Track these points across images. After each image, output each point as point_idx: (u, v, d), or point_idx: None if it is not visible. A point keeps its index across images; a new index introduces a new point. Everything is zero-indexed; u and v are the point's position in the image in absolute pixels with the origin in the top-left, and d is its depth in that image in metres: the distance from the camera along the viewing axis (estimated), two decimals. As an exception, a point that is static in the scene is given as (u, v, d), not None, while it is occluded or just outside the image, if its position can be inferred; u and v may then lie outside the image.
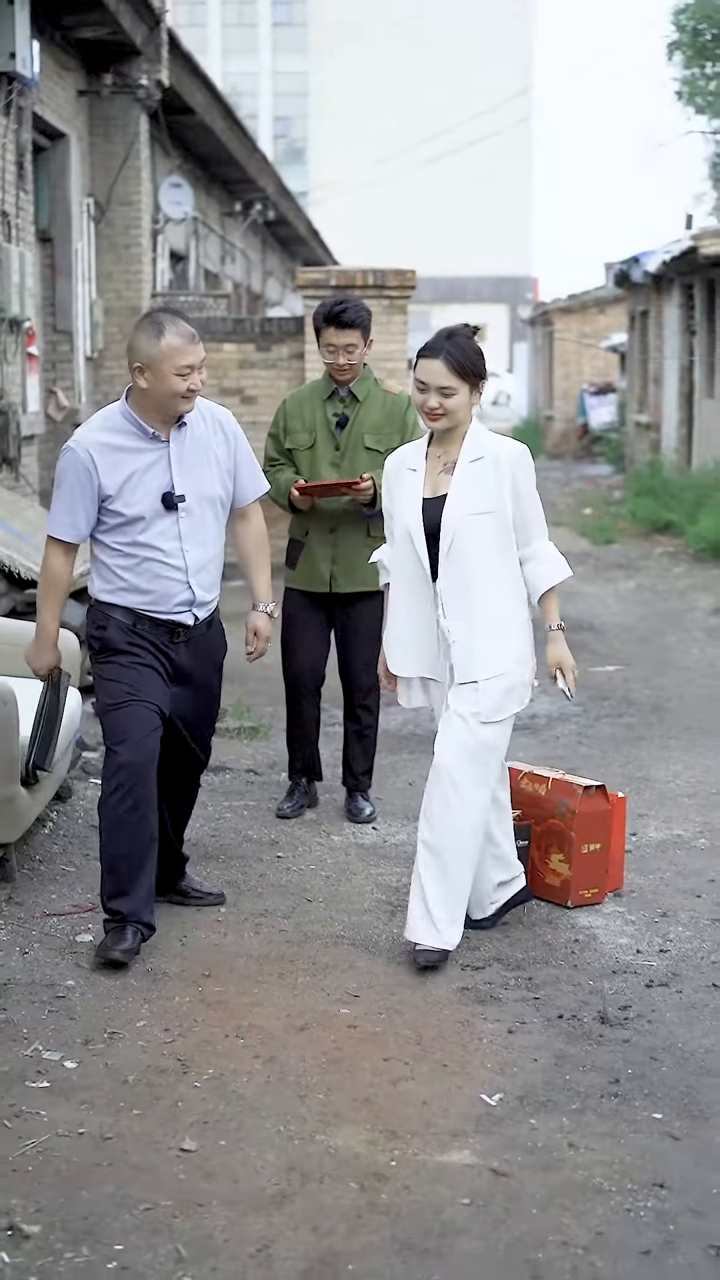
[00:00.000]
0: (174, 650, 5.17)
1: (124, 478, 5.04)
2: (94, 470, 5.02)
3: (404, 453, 5.38)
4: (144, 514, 5.06)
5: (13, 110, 11.64)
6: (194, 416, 5.17)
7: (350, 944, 5.36)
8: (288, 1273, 3.40)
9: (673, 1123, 4.13)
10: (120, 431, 5.09)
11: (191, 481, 5.13)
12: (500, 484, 5.10)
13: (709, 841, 6.69)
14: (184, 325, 5.02)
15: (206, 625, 5.27)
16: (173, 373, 4.96)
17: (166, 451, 5.10)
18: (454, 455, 5.18)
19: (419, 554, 5.17)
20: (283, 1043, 4.55)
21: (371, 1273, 3.40)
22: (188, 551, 5.12)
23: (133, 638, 5.11)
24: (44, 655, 5.23)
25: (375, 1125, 4.07)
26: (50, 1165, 3.81)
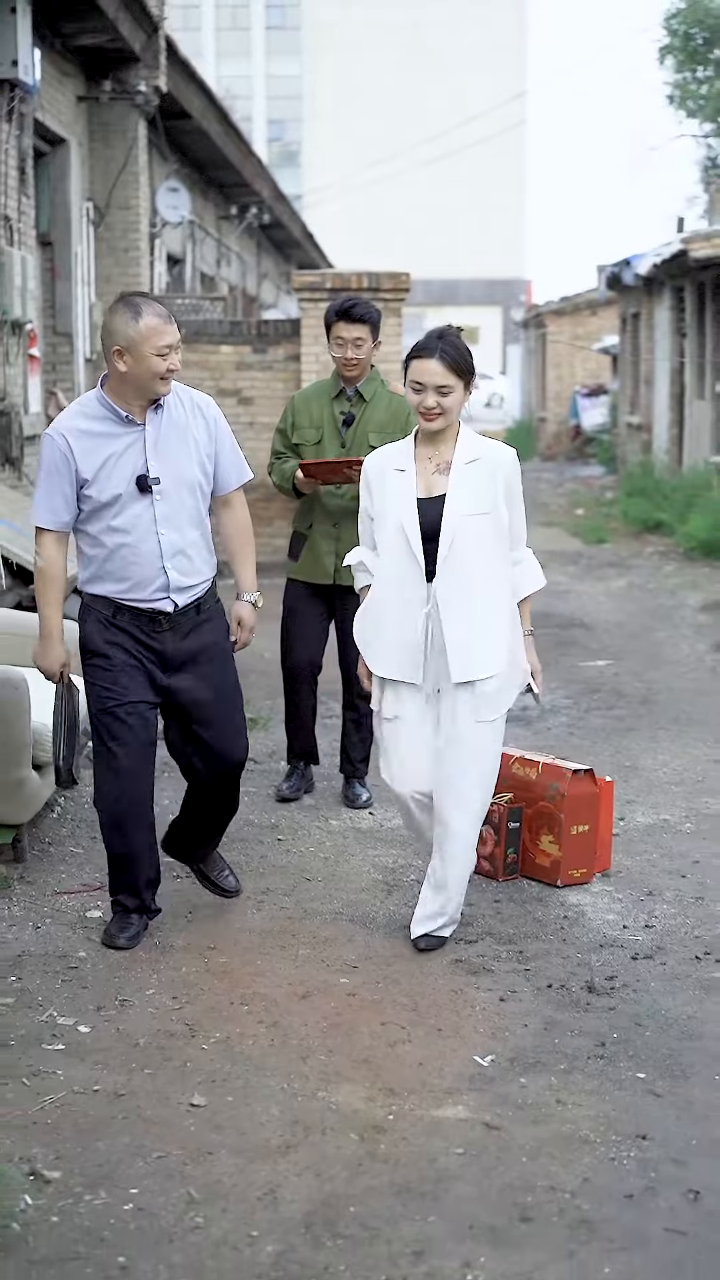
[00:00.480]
0: (159, 640, 5.13)
1: (100, 462, 5.03)
2: (70, 456, 5.02)
3: (386, 453, 5.38)
4: (118, 495, 5.03)
5: (14, 116, 11.86)
6: (172, 400, 5.14)
7: (349, 920, 5.60)
8: (293, 1214, 3.63)
9: (655, 1082, 4.37)
10: (96, 417, 5.08)
11: (167, 465, 5.10)
12: (495, 487, 5.16)
13: (694, 826, 6.92)
14: (158, 306, 5.03)
15: (195, 610, 5.21)
16: (152, 353, 4.95)
17: (142, 434, 5.07)
18: (446, 456, 5.22)
19: (414, 553, 5.17)
20: (285, 1009, 4.79)
21: (372, 1214, 3.63)
22: (163, 535, 5.08)
23: (112, 633, 5.10)
24: (50, 651, 5.19)
25: (374, 1084, 4.30)
26: (68, 1118, 4.04)
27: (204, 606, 5.25)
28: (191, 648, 5.19)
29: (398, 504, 5.20)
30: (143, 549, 5.07)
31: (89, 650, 5.15)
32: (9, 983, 4.90)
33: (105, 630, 5.11)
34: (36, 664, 5.24)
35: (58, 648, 5.20)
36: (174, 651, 5.16)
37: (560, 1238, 3.56)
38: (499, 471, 5.18)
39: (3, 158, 11.65)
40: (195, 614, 5.21)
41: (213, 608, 5.31)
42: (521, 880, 6.10)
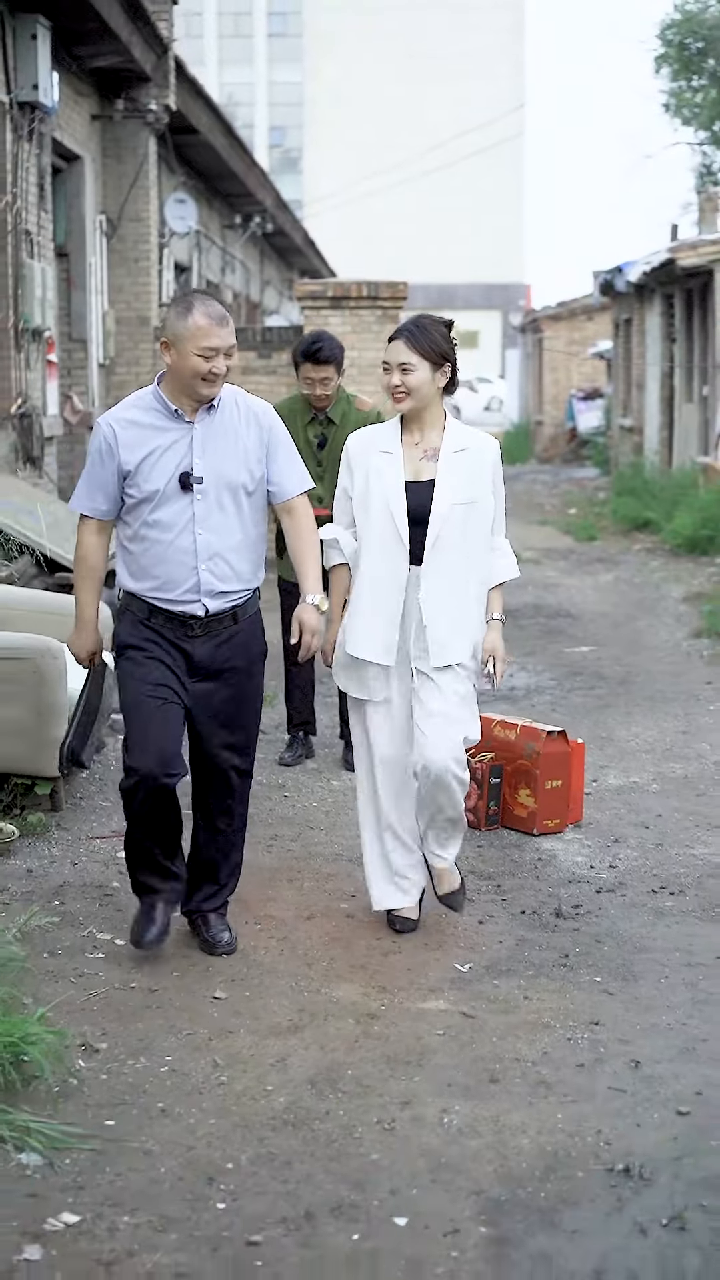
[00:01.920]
0: (190, 645, 5.07)
1: (144, 455, 5.00)
2: (115, 445, 5.00)
3: (371, 434, 5.47)
4: (158, 489, 4.98)
5: (34, 136, 12.62)
6: (226, 402, 5.09)
7: (348, 860, 6.34)
8: (301, 1076, 4.38)
9: (609, 983, 5.12)
10: (147, 409, 5.06)
11: (213, 465, 5.02)
12: (482, 476, 5.32)
13: (660, 786, 7.67)
14: (215, 307, 4.98)
15: (232, 619, 5.11)
16: (194, 352, 4.90)
17: (190, 432, 5.02)
18: (434, 443, 5.33)
19: (400, 536, 5.26)
20: (293, 927, 5.54)
21: (366, 1076, 4.39)
22: (199, 535, 5.00)
23: (146, 632, 5.06)
24: (83, 638, 5.24)
25: (369, 983, 5.05)
26: (110, 1007, 4.80)
27: (240, 615, 5.14)
28: (221, 658, 5.11)
29: (384, 486, 5.29)
30: (178, 546, 5.01)
31: (122, 645, 5.11)
32: (53, 906, 5.65)
33: (140, 629, 5.07)
34: (70, 648, 5.33)
35: (91, 634, 5.23)
36: (203, 658, 5.09)
37: (522, 1093, 4.31)
38: (486, 461, 5.34)
39: (24, 175, 12.40)
40: (232, 622, 5.12)
41: (252, 619, 5.20)
42: (502, 830, 6.84)
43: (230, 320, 4.98)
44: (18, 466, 12.05)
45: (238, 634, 5.13)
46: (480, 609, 5.39)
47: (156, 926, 5.17)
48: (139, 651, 5.07)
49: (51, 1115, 4.02)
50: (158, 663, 5.05)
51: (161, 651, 5.06)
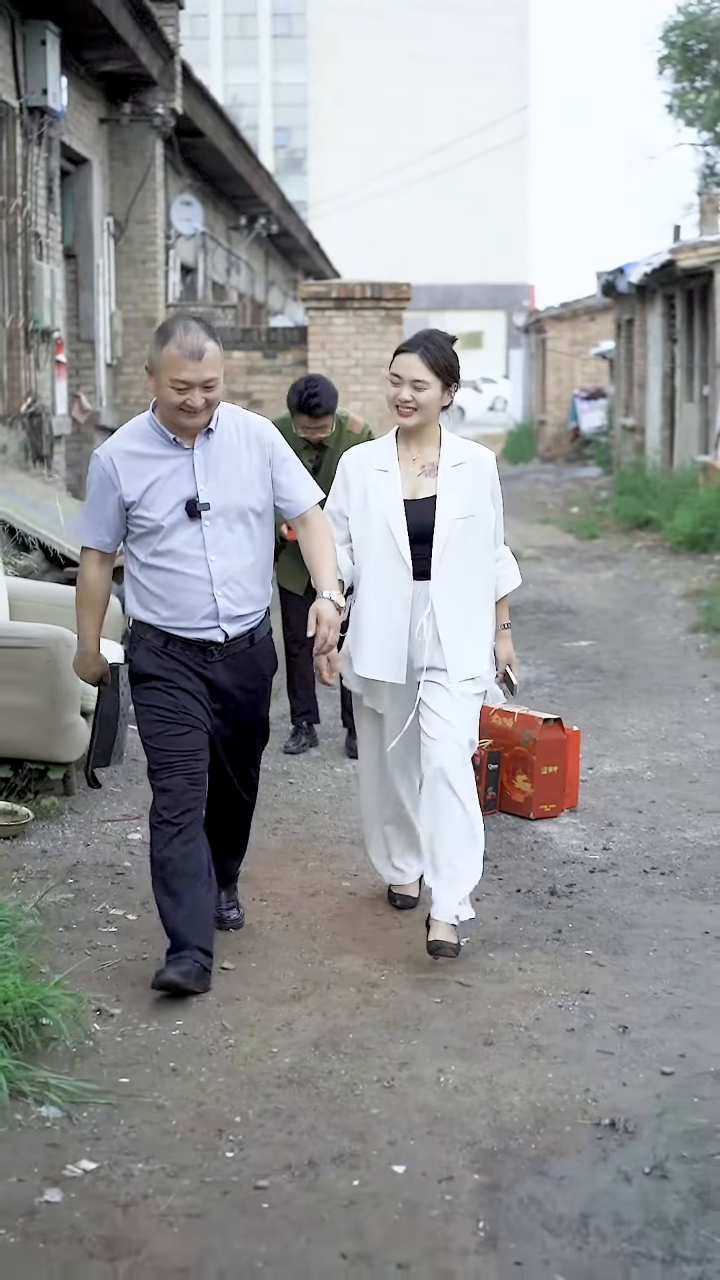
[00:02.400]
0: (210, 670, 5.03)
1: (146, 485, 4.92)
2: (115, 477, 4.92)
3: (365, 451, 5.45)
4: (165, 522, 4.92)
5: (43, 140, 12.86)
6: (226, 425, 4.98)
7: (350, 842, 6.58)
8: (305, 1039, 4.61)
9: (600, 956, 5.35)
10: (144, 439, 4.97)
11: (218, 490, 4.94)
12: (481, 489, 5.31)
13: (654, 774, 7.89)
14: (193, 339, 4.79)
15: (249, 641, 5.09)
16: (167, 383, 4.80)
17: (190, 458, 4.93)
18: (431, 458, 5.32)
19: (402, 555, 5.24)
20: (298, 903, 5.78)
21: (367, 1039, 4.62)
22: (212, 561, 4.94)
23: (163, 660, 5.01)
24: (88, 669, 5.24)
25: (369, 955, 5.28)
26: (124, 976, 5.03)
27: (257, 636, 5.13)
28: (233, 680, 5.07)
29: (383, 505, 5.27)
30: (191, 575, 4.94)
31: (141, 675, 5.06)
32: (68, 884, 5.88)
33: (156, 658, 5.01)
34: (76, 672, 5.33)
35: (95, 664, 5.22)
36: (223, 682, 5.06)
37: (515, 1055, 4.54)
38: (484, 474, 5.34)
39: (33, 178, 12.64)
40: (249, 644, 5.10)
41: (265, 639, 5.20)
42: (500, 814, 7.06)
43: (209, 353, 4.77)
44: (27, 464, 12.29)
45: (255, 656, 5.12)
46: (489, 619, 5.40)
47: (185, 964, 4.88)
48: (163, 682, 5.00)
49: (69, 1073, 4.25)
50: (183, 692, 4.99)
51: (184, 680, 5.00)
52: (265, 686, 5.25)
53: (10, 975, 4.33)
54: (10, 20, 12.09)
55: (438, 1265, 3.47)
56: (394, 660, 5.30)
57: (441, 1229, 3.61)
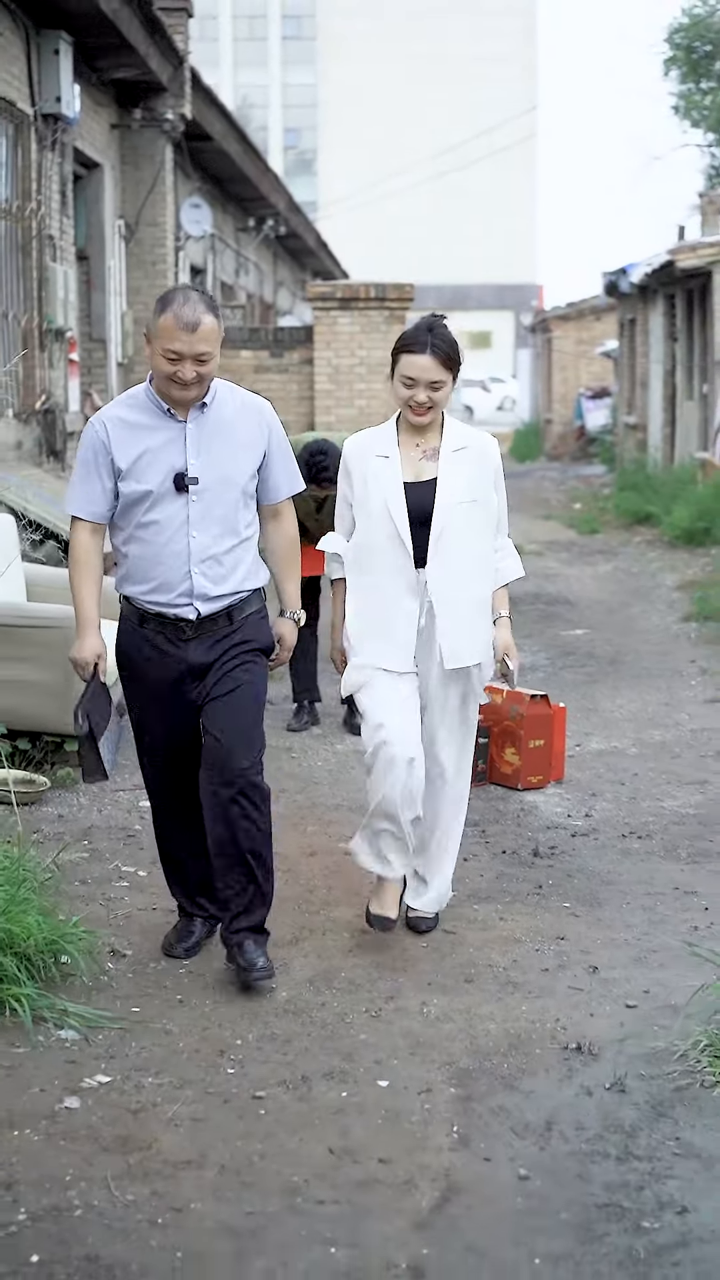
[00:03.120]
0: (184, 649, 4.92)
1: (137, 454, 4.83)
2: (108, 443, 4.83)
3: (366, 439, 5.35)
4: (151, 489, 4.82)
5: (57, 146, 13.29)
6: (223, 398, 4.91)
7: (347, 809, 7.00)
8: (301, 976, 5.04)
9: (577, 908, 5.78)
10: (139, 408, 4.89)
11: (208, 464, 4.85)
12: (484, 474, 5.23)
13: (638, 750, 8.31)
14: (190, 310, 4.71)
15: (227, 620, 4.94)
16: (160, 351, 4.73)
17: (183, 430, 4.84)
18: (433, 443, 5.23)
19: (402, 538, 5.15)
20: (296, 862, 6.20)
21: (357, 977, 5.05)
22: (194, 537, 4.84)
23: (142, 646, 4.95)
24: (84, 642, 4.96)
25: (362, 906, 5.68)
26: (134, 924, 5.47)
27: (236, 615, 4.96)
28: (218, 652, 4.95)
29: (382, 488, 5.18)
30: (171, 549, 4.85)
31: (122, 662, 5.05)
32: (83, 844, 6.32)
33: (134, 639, 4.98)
34: (71, 658, 5.04)
35: (92, 638, 4.98)
36: (201, 659, 4.94)
37: (492, 990, 4.97)
38: (488, 459, 5.25)
39: (47, 183, 13.08)
40: (226, 622, 4.95)
41: (249, 618, 5.00)
42: (489, 785, 7.48)
43: (205, 326, 4.71)
44: (41, 459, 12.73)
45: (233, 632, 4.95)
46: (488, 609, 5.33)
47: (193, 938, 5.24)
48: (134, 665, 5.01)
49: (86, 1002, 4.68)
50: (161, 680, 4.96)
51: (160, 669, 4.94)
52: (254, 658, 5.00)
53: (32, 914, 4.75)
54: (25, 30, 12.52)
55: (415, 1160, 3.89)
56: (401, 648, 5.21)
57: (419, 1131, 4.04)
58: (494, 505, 5.28)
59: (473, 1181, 3.80)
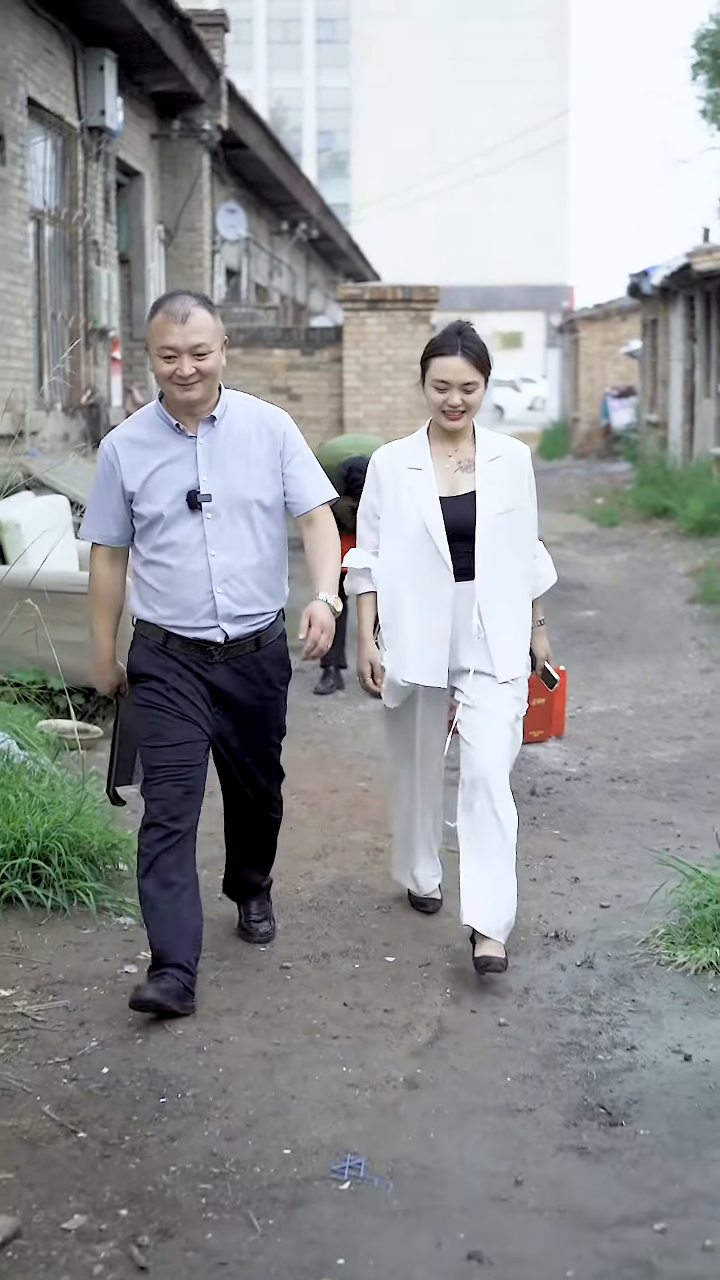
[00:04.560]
0: (209, 672, 4.77)
1: (147, 474, 4.69)
2: (117, 466, 4.71)
3: (396, 450, 5.25)
4: (164, 512, 4.69)
5: (101, 156, 14.18)
6: (234, 412, 4.77)
7: (367, 758, 7.84)
8: (323, 882, 5.89)
9: (564, 834, 6.61)
10: (148, 426, 4.76)
11: (221, 481, 4.70)
12: (519, 482, 5.14)
13: (635, 712, 9.13)
14: (179, 304, 4.62)
15: (255, 645, 4.82)
16: (157, 353, 4.61)
17: (194, 447, 4.69)
18: (467, 454, 5.13)
19: (441, 553, 5.04)
20: (321, 797, 7.05)
21: (371, 884, 5.89)
22: (213, 556, 4.69)
23: (162, 659, 4.77)
24: (102, 674, 4.97)
25: (377, 831, 6.54)
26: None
27: (264, 640, 4.84)
28: (238, 685, 4.82)
29: (416, 503, 5.08)
30: (190, 570, 4.70)
31: (137, 675, 4.83)
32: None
33: (155, 656, 4.78)
34: (92, 682, 5.08)
35: (107, 672, 4.96)
36: (225, 685, 4.80)
37: (486, 894, 5.80)
38: (521, 467, 5.17)
39: (92, 191, 13.96)
40: (254, 647, 4.82)
41: (275, 643, 4.91)
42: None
43: (196, 317, 4.58)
44: (86, 449, 13.61)
45: (261, 660, 4.84)
46: (528, 616, 5.26)
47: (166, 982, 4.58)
48: (158, 682, 4.76)
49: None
50: (178, 694, 4.75)
51: (181, 681, 4.76)
52: (276, 695, 4.96)
53: (97, 821, 5.60)
54: (73, 49, 13.40)
55: (413, 1010, 4.73)
56: (435, 664, 5.12)
57: (419, 991, 4.88)
58: (530, 512, 5.18)
59: (460, 1026, 4.64)
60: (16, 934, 5.24)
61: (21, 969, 4.98)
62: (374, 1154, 3.84)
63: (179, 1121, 3.99)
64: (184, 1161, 3.78)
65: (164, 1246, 3.42)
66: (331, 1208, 3.59)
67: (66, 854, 5.53)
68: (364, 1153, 3.84)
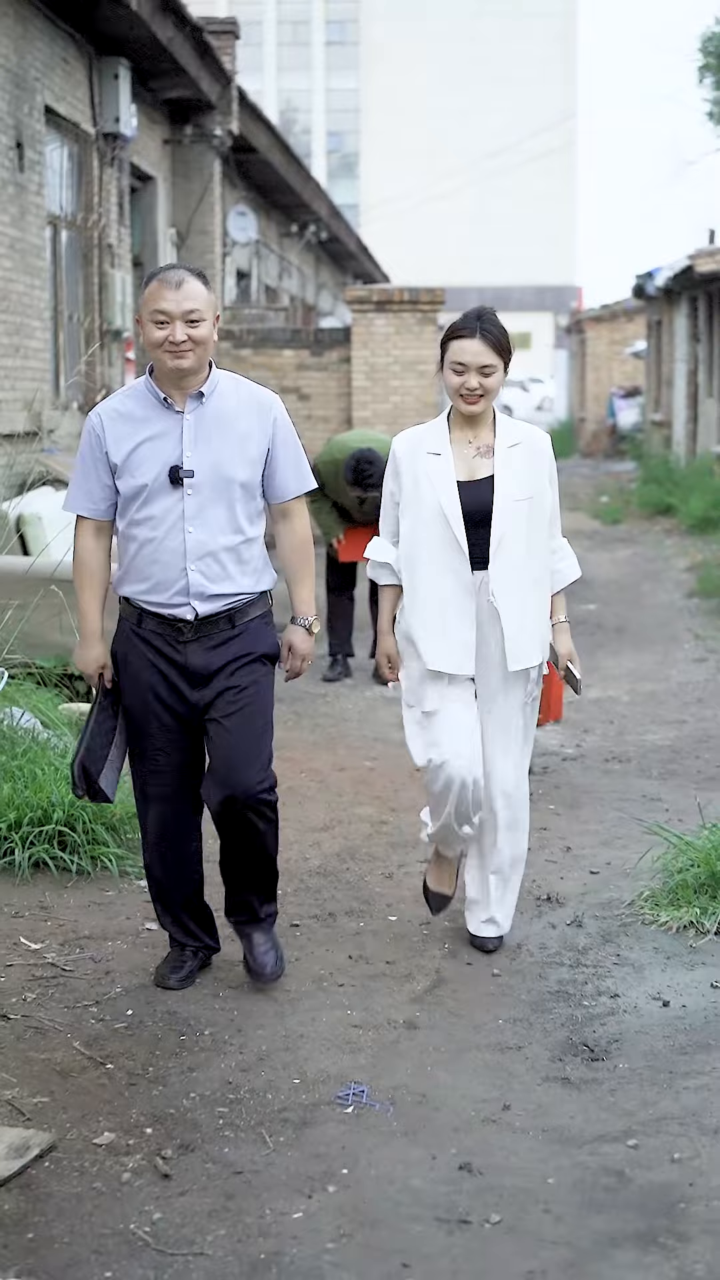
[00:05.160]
0: (182, 652, 4.66)
1: (131, 447, 4.63)
2: (103, 436, 4.65)
3: (416, 435, 5.15)
4: (146, 483, 4.61)
5: (115, 162, 14.56)
6: (225, 390, 4.71)
7: (373, 739, 8.22)
8: (330, 851, 6.27)
9: (559, 809, 6.98)
10: (136, 399, 4.69)
11: (206, 458, 4.62)
12: (539, 470, 5.05)
13: (630, 698, 9.51)
14: (174, 273, 4.60)
15: (229, 623, 4.68)
16: (149, 319, 4.57)
17: (180, 422, 4.63)
18: (486, 440, 5.05)
19: (458, 539, 4.95)
20: (329, 775, 7.43)
21: (375, 853, 6.27)
22: (190, 533, 4.60)
23: (138, 646, 4.69)
24: (87, 651, 4.79)
25: (382, 805, 6.92)
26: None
27: (238, 619, 4.71)
28: (219, 658, 4.68)
29: (434, 488, 4.99)
30: (167, 545, 4.63)
31: (118, 663, 4.78)
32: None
33: (132, 641, 4.72)
34: (77, 666, 4.89)
35: (94, 648, 4.80)
36: (200, 665, 4.68)
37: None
38: (541, 455, 5.08)
39: (106, 196, 14.35)
40: (228, 625, 4.69)
41: (252, 623, 4.75)
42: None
43: (189, 283, 4.57)
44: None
45: (235, 638, 4.70)
46: (545, 609, 5.17)
47: (185, 969, 4.91)
48: (131, 667, 4.73)
49: (159, 863, 5.91)
50: (155, 687, 4.69)
51: (151, 666, 4.69)
52: (260, 669, 4.76)
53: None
54: (88, 58, 13.79)
55: (413, 963, 5.11)
56: (459, 649, 5.01)
57: (418, 946, 5.26)
58: (549, 501, 5.09)
59: (457, 976, 5.01)
60: (45, 895, 5.64)
61: (50, 925, 5.37)
62: (375, 1084, 4.22)
63: (197, 1056, 4.38)
64: (202, 1089, 4.17)
65: (185, 1159, 3.80)
66: (336, 1128, 3.97)
67: (90, 822, 5.92)
68: (366, 1082, 4.22)
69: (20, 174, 11.85)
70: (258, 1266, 3.35)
